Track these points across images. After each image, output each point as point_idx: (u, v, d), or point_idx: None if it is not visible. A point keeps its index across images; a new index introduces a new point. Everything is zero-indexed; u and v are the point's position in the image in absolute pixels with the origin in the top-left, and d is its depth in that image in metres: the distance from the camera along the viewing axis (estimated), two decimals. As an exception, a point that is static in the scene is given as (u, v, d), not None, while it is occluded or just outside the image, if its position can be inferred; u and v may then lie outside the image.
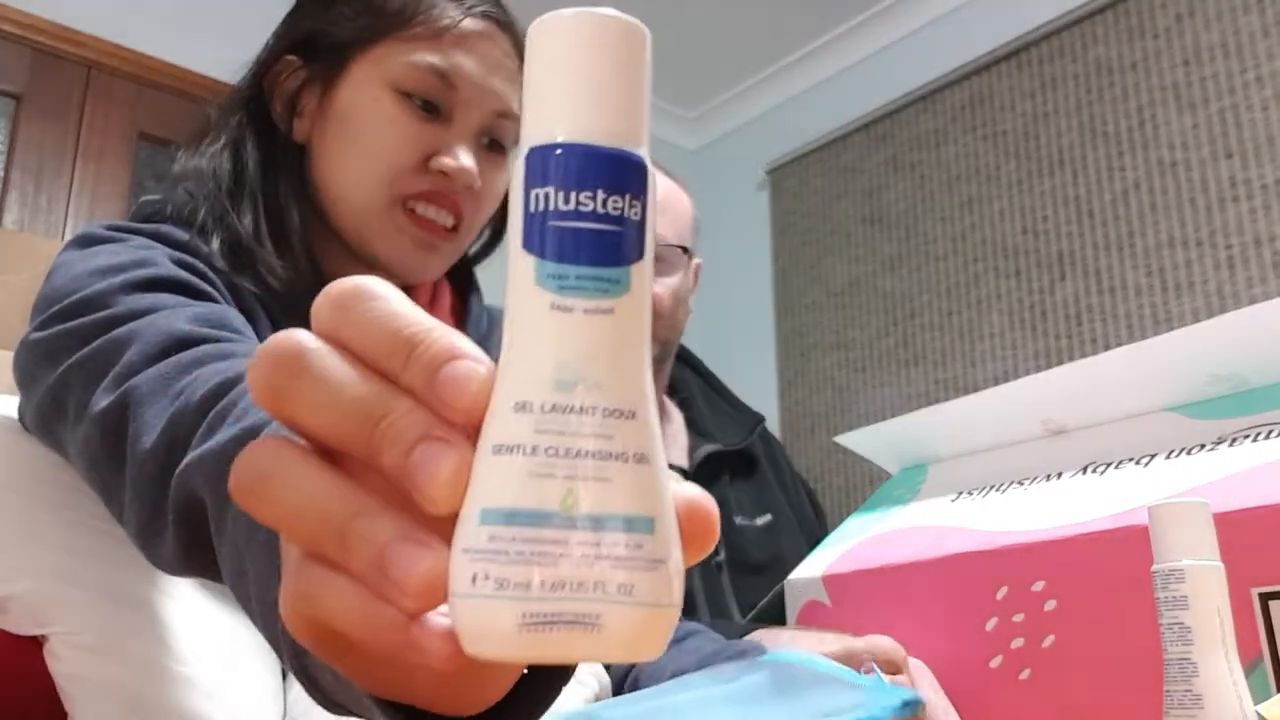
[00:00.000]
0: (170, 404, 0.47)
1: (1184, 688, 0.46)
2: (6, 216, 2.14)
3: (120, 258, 0.61)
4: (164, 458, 0.45)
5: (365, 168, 0.71)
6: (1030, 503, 0.77)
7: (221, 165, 0.73)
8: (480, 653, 0.22)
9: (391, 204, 0.71)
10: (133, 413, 0.48)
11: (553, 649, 0.22)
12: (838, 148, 3.03)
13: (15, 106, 2.21)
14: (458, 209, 0.73)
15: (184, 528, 0.43)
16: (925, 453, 0.95)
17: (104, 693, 0.57)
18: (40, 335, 0.58)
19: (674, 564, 0.23)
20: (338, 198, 0.72)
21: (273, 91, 0.75)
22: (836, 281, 2.95)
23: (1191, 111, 2.27)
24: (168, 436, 0.45)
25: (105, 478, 0.51)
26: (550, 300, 0.23)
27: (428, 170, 0.71)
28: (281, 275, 0.69)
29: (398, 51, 0.71)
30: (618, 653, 0.22)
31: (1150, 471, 0.73)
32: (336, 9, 0.74)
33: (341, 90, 0.72)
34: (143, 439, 0.47)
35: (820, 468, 2.80)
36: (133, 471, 0.47)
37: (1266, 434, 0.70)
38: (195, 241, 0.67)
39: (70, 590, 0.58)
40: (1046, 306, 2.46)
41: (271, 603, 0.31)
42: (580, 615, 0.22)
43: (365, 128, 0.71)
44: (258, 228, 0.70)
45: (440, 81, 0.71)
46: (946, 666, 0.72)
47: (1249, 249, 2.14)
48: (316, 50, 0.74)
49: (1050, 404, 0.84)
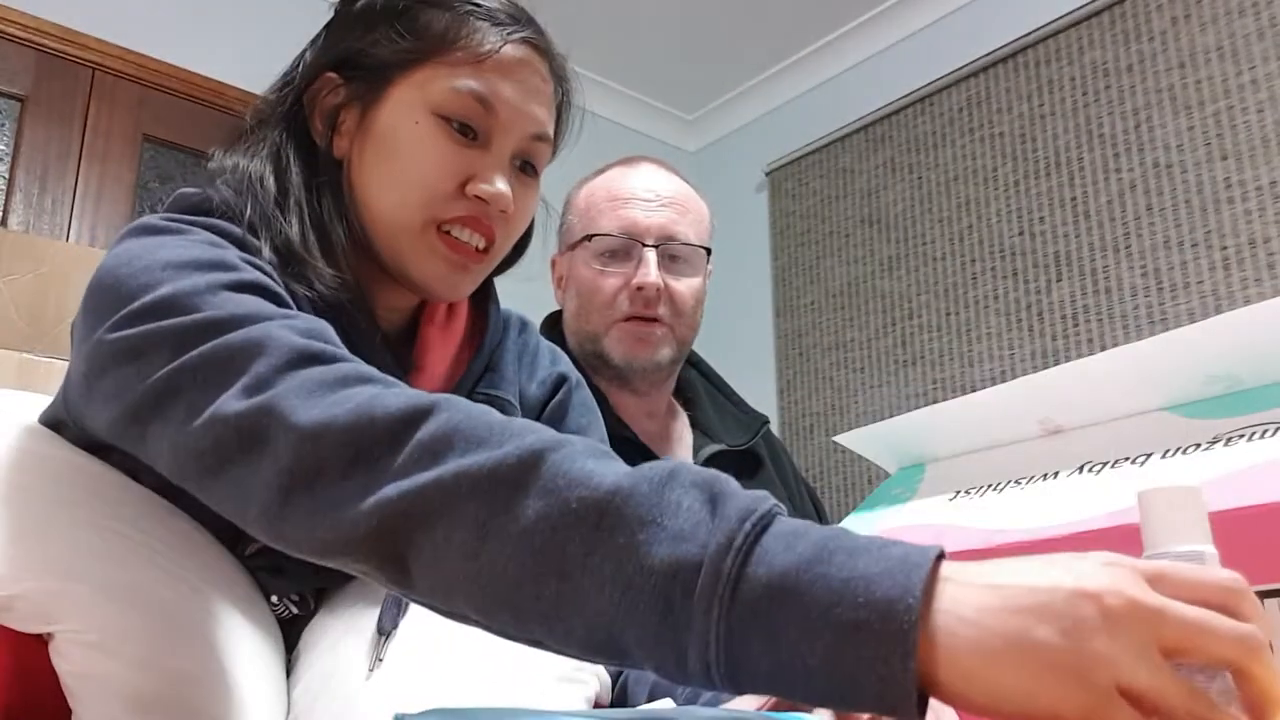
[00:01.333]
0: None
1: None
2: (11, 218, 2.14)
3: (192, 252, 0.61)
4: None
5: (403, 190, 0.72)
6: (1027, 502, 0.78)
7: (265, 172, 0.73)
8: None
9: (426, 227, 0.72)
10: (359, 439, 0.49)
11: None
12: (836, 149, 3.04)
13: (20, 109, 2.22)
14: (490, 233, 0.74)
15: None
16: (923, 452, 0.96)
17: (109, 691, 0.57)
18: (123, 334, 0.57)
19: None
20: (374, 216, 0.73)
21: (313, 108, 0.76)
22: (835, 282, 2.95)
23: (1187, 113, 2.28)
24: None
25: (238, 474, 0.52)
26: None
27: (464, 195, 0.72)
28: (332, 285, 0.69)
29: (439, 76, 0.72)
30: None
31: (1146, 471, 0.73)
32: (379, 30, 0.74)
33: (382, 111, 0.73)
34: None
35: (819, 467, 2.81)
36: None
37: (1262, 434, 0.70)
38: (249, 240, 0.68)
39: (77, 588, 0.58)
40: (1043, 307, 2.46)
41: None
42: None
43: (404, 150, 0.72)
44: (305, 237, 0.71)
45: (480, 106, 0.72)
46: (945, 664, 0.72)
47: (1244, 250, 2.15)
48: (357, 69, 0.74)
49: (1047, 404, 0.85)
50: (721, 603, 0.40)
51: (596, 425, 0.88)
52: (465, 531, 0.45)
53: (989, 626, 0.38)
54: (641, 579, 0.42)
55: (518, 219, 0.76)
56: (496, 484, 0.46)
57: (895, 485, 0.96)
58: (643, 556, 0.42)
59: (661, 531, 0.42)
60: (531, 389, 0.85)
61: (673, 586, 0.41)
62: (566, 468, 0.46)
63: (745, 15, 2.99)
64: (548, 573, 0.44)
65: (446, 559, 0.46)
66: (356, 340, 0.70)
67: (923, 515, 0.85)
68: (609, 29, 3.05)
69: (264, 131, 0.76)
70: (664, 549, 0.42)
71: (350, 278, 0.71)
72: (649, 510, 0.43)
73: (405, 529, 0.47)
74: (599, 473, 0.45)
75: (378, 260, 0.75)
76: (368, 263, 0.75)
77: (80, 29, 2.30)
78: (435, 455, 0.47)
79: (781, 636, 0.39)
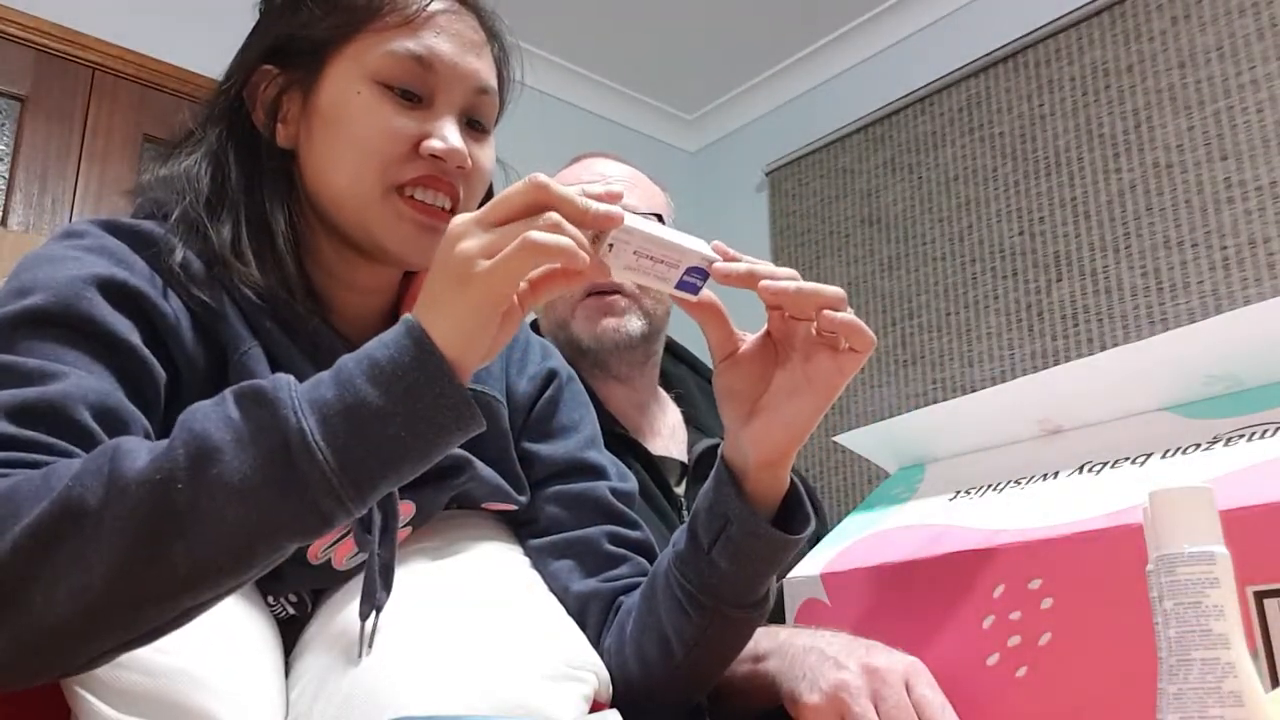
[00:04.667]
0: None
1: (1210, 654, 0.44)
2: (11, 218, 2.14)
3: (38, 273, 0.64)
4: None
5: (357, 161, 0.72)
6: (1027, 501, 0.78)
7: (201, 175, 0.74)
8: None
9: (386, 193, 0.72)
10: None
11: None
12: (836, 149, 3.04)
13: (20, 108, 2.22)
14: (453, 191, 0.74)
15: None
16: (923, 452, 0.96)
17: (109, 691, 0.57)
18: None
19: None
20: (334, 195, 0.73)
21: (253, 102, 0.76)
22: (835, 282, 2.93)
23: (1187, 114, 2.28)
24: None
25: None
26: None
27: (418, 156, 0.72)
28: (259, 286, 0.70)
29: (373, 44, 0.73)
30: None
31: (1146, 471, 0.73)
32: (305, 11, 0.75)
33: (322, 90, 0.73)
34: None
35: (819, 467, 2.81)
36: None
37: (1261, 433, 0.70)
38: (168, 242, 0.69)
39: None
40: (1043, 307, 2.47)
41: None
42: None
43: (351, 122, 0.72)
44: (237, 238, 0.71)
45: (418, 66, 0.73)
46: (944, 664, 0.72)
47: (1244, 250, 2.15)
48: (291, 55, 0.75)
49: (1047, 404, 0.85)
50: (314, 445, 0.51)
51: (589, 419, 0.88)
52: (67, 579, 0.50)
53: (450, 302, 0.55)
54: (245, 484, 0.50)
55: (477, 176, 0.76)
56: (67, 520, 0.50)
57: (895, 485, 0.96)
58: (234, 470, 0.50)
59: (231, 446, 0.51)
60: (521, 385, 0.84)
61: (275, 468, 0.51)
62: (111, 470, 0.51)
63: (745, 15, 2.99)
64: (168, 542, 0.50)
65: (61, 605, 0.50)
66: (296, 332, 0.71)
67: (922, 515, 0.85)
68: (609, 29, 3.05)
69: (204, 132, 0.76)
70: (246, 452, 0.51)
71: (291, 268, 0.72)
72: (204, 444, 0.51)
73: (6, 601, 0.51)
74: (139, 459, 0.52)
75: (347, 240, 0.75)
76: (333, 249, 0.75)
77: (80, 29, 2.30)
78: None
79: (368, 427, 0.52)
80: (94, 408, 0.59)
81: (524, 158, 0.90)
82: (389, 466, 0.53)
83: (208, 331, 0.69)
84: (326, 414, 0.52)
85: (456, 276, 0.54)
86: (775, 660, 0.76)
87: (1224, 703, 0.44)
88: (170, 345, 0.67)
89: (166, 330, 0.67)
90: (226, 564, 0.52)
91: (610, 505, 0.83)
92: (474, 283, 0.54)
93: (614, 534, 0.81)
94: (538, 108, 2.76)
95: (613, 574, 0.80)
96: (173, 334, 0.67)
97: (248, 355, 0.68)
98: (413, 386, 0.53)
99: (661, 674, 0.74)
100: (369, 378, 0.53)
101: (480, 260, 0.54)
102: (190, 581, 0.51)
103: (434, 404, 0.53)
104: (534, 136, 1.91)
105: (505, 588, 0.73)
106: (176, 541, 0.50)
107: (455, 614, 0.67)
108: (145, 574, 0.50)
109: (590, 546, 0.80)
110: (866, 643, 0.74)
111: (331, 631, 0.68)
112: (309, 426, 0.51)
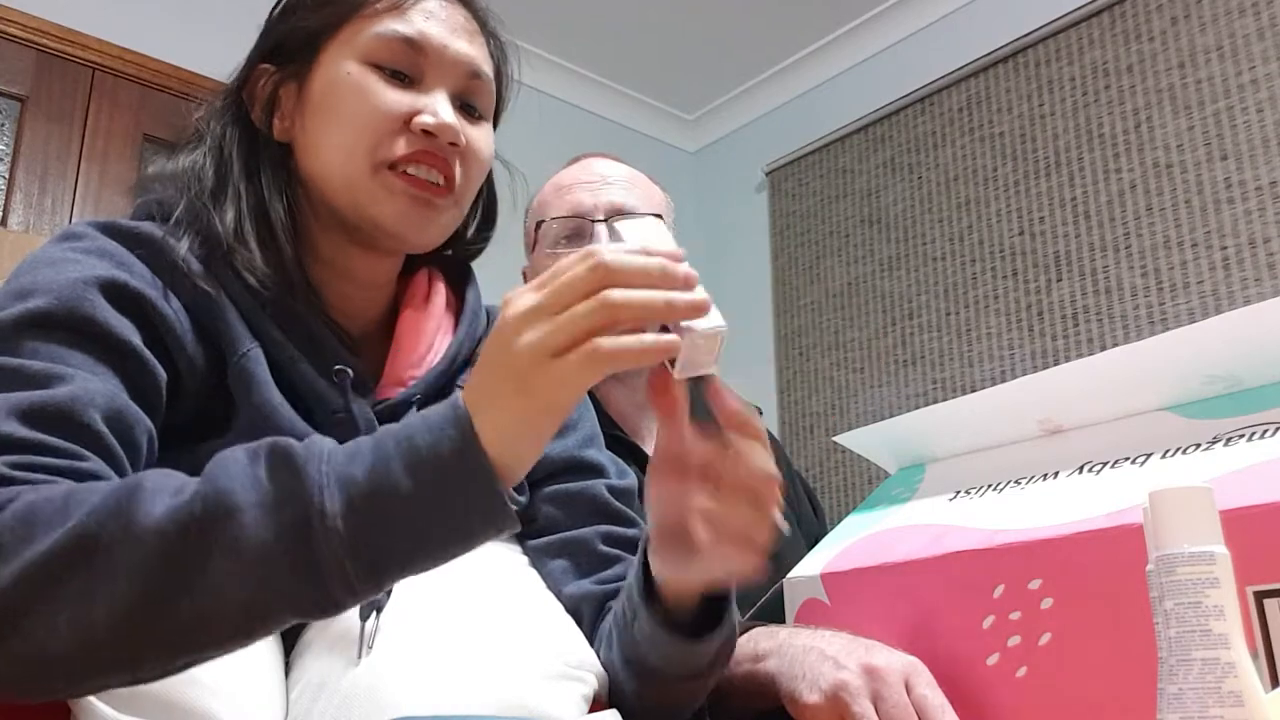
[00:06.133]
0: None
1: (1211, 654, 0.44)
2: (11, 218, 2.14)
3: (41, 275, 0.64)
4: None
5: (348, 139, 0.72)
6: (1027, 502, 0.78)
7: (205, 167, 0.75)
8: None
9: (378, 169, 0.72)
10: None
11: None
12: (836, 149, 3.04)
13: (20, 109, 2.22)
14: (447, 168, 0.74)
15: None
16: (923, 452, 0.96)
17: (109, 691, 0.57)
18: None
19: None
20: (328, 176, 0.74)
21: (252, 100, 0.77)
22: (835, 282, 2.95)
23: (1187, 114, 2.28)
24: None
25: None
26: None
27: (409, 130, 0.73)
28: (263, 272, 0.71)
29: (363, 28, 0.74)
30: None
31: (1146, 471, 0.73)
32: (299, 11, 0.76)
33: (315, 77, 0.75)
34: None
35: (819, 467, 2.81)
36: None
37: (1261, 434, 0.70)
38: (166, 242, 0.69)
39: None
40: (1043, 307, 2.47)
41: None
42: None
43: (342, 102, 0.73)
44: (240, 225, 0.72)
45: (407, 47, 0.73)
46: (944, 664, 0.72)
47: (1244, 250, 2.15)
48: (287, 51, 0.76)
49: (1047, 404, 0.85)
50: (333, 530, 0.48)
51: (588, 417, 0.88)
52: (70, 612, 0.49)
53: (506, 402, 0.50)
54: (259, 552, 0.48)
55: (472, 157, 0.76)
56: (79, 555, 0.50)
57: (895, 485, 0.96)
58: (250, 536, 0.49)
59: (252, 510, 0.49)
60: None
61: (291, 542, 0.49)
62: (130, 510, 0.50)
63: (745, 15, 2.99)
64: (174, 595, 0.49)
65: (62, 637, 0.49)
66: (295, 322, 0.71)
67: (922, 515, 0.85)
68: (609, 29, 3.05)
69: (206, 130, 0.78)
70: (265, 519, 0.49)
71: (290, 255, 0.72)
72: (225, 501, 0.49)
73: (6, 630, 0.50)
74: (158, 503, 0.50)
75: (344, 229, 0.75)
76: (331, 239, 0.76)
77: (80, 29, 2.30)
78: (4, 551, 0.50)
79: (394, 517, 0.49)
80: (103, 410, 0.59)
81: (524, 158, 0.91)
82: (408, 559, 0.51)
83: (207, 332, 0.69)
84: (353, 495, 0.49)
85: (517, 376, 0.50)
86: (775, 660, 0.76)
87: (1224, 703, 0.44)
88: (170, 346, 0.67)
89: (167, 332, 0.67)
90: (227, 627, 0.50)
91: (606, 503, 0.83)
92: (536, 391, 0.50)
93: (608, 534, 0.81)
94: (538, 108, 2.77)
95: (605, 575, 0.79)
96: (173, 335, 0.67)
97: (247, 357, 0.69)
98: (449, 483, 0.49)
99: (642, 697, 0.72)
100: (405, 462, 0.50)
101: (545, 360, 0.49)
102: (192, 635, 0.50)
103: (467, 506, 0.50)
104: (534, 136, 1.91)
105: (505, 588, 0.73)
106: (182, 596, 0.49)
107: (455, 615, 0.67)
108: (148, 623, 0.49)
109: (584, 547, 0.80)
110: (866, 642, 0.73)
111: (332, 632, 0.68)
112: (334, 508, 0.49)
